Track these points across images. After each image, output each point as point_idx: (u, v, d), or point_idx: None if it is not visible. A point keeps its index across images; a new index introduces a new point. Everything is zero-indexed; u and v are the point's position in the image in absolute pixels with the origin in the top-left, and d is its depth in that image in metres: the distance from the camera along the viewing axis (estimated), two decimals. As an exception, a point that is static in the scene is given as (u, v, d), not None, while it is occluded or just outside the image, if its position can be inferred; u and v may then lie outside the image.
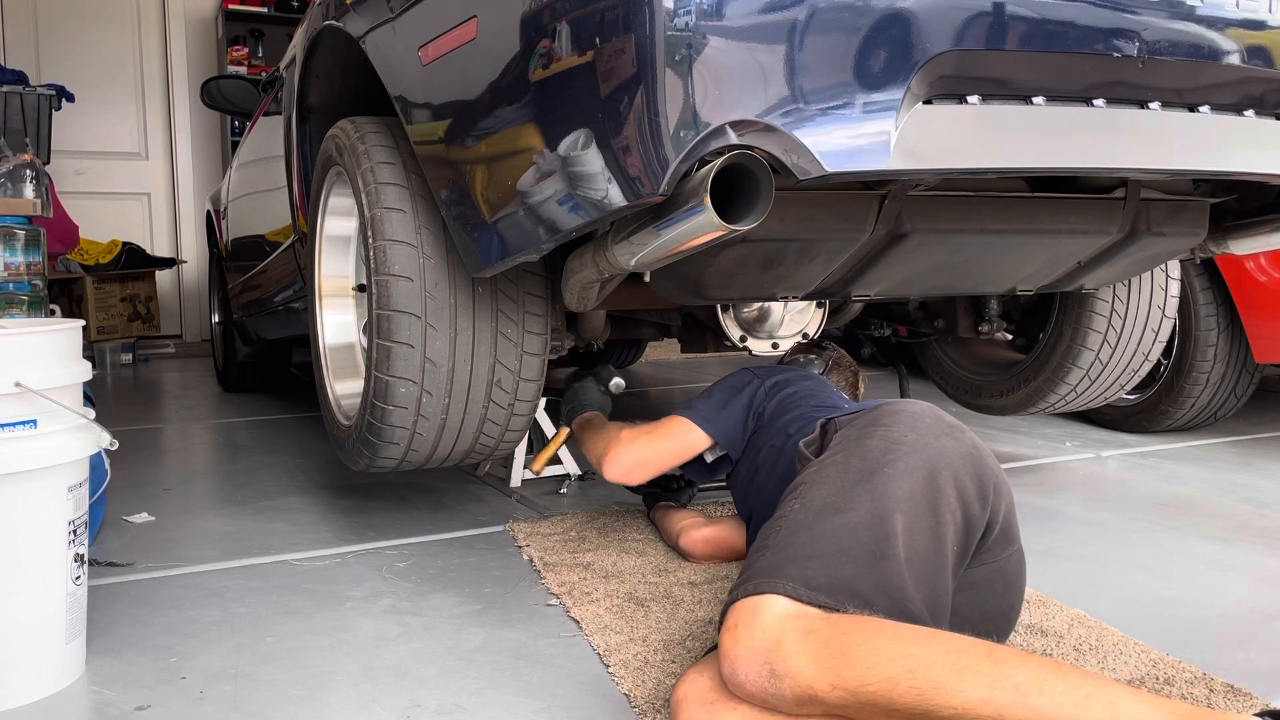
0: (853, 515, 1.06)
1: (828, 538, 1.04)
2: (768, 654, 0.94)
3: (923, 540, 1.06)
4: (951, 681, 0.85)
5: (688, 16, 1.09)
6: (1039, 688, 0.82)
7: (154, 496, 2.25)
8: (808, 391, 1.62)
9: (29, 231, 2.94)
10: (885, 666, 0.88)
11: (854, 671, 0.89)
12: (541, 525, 1.93)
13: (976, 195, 1.59)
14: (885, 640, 0.90)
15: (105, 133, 5.86)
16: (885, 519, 1.05)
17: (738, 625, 0.98)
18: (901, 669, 0.87)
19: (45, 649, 1.23)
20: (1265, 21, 1.44)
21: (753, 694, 0.95)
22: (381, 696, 1.22)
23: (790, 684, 0.92)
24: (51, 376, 1.20)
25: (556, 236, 1.28)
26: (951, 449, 1.14)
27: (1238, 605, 1.54)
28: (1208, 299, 2.75)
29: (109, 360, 5.06)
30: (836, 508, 1.08)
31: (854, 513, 1.06)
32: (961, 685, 0.85)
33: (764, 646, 0.95)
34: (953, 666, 0.86)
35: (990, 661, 0.86)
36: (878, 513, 1.06)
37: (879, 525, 1.05)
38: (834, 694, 0.90)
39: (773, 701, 0.94)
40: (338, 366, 1.98)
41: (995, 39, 1.24)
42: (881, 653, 0.89)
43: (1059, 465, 2.55)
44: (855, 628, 0.92)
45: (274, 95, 2.73)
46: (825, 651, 0.91)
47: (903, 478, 1.09)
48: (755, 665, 0.94)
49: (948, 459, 1.13)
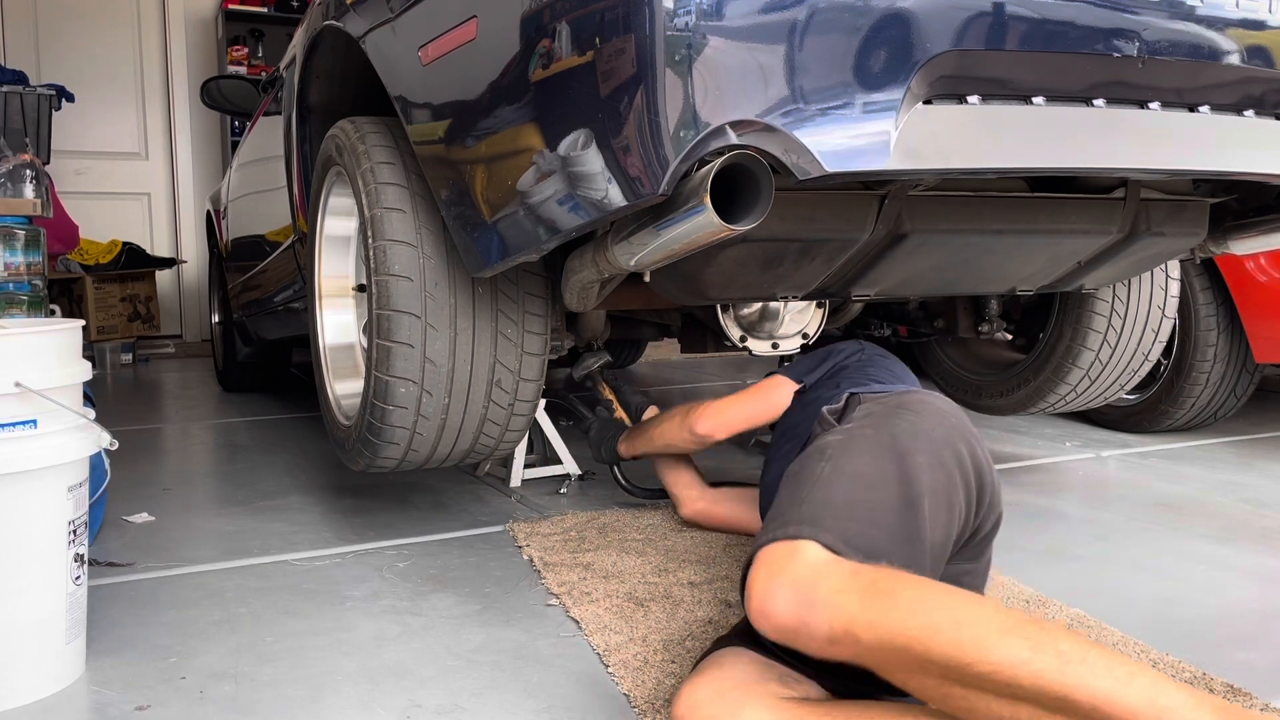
0: (887, 494, 1.08)
1: (863, 508, 1.06)
2: (810, 586, 0.93)
3: (939, 532, 1.09)
4: (994, 638, 0.84)
5: (688, 16, 1.09)
6: (1081, 658, 0.81)
7: (154, 496, 2.25)
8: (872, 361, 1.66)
9: (29, 231, 2.93)
10: (931, 614, 0.87)
11: (898, 613, 0.88)
12: (541, 525, 1.93)
13: (976, 195, 1.59)
14: (932, 591, 0.90)
15: (105, 133, 5.86)
16: (917, 506, 1.07)
17: (774, 561, 0.97)
18: (947, 618, 0.86)
19: (45, 649, 1.23)
20: (1265, 21, 1.44)
21: (783, 624, 0.93)
22: (381, 697, 1.22)
23: (828, 615, 0.90)
24: (51, 376, 1.20)
25: (556, 236, 1.28)
26: (968, 454, 1.19)
27: (1238, 605, 1.54)
28: (1208, 299, 2.75)
29: (109, 360, 5.06)
30: (870, 482, 1.09)
31: (888, 492, 1.08)
32: (1004, 643, 0.83)
33: (806, 578, 0.94)
34: (999, 625, 0.85)
35: (1035, 628, 0.85)
36: (910, 499, 1.08)
37: (911, 510, 1.07)
38: (870, 634, 0.88)
39: (803, 634, 0.92)
40: (338, 366, 1.98)
41: (995, 39, 1.24)
42: (928, 601, 0.88)
43: (1059, 465, 2.55)
44: (902, 576, 0.92)
45: (274, 95, 2.73)
46: (871, 591, 0.90)
47: (931, 470, 1.12)
48: (793, 595, 0.93)
49: (965, 463, 1.17)
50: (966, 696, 0.85)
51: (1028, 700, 0.82)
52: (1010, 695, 0.83)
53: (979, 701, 0.85)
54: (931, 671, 0.86)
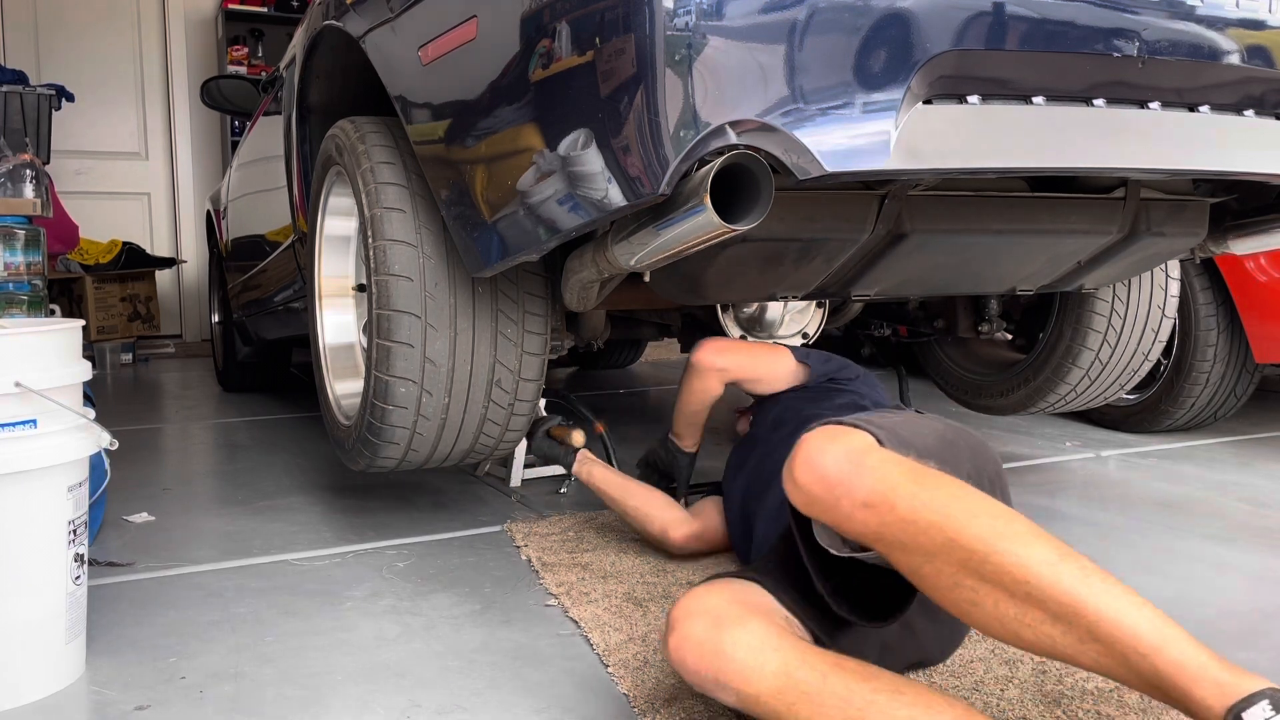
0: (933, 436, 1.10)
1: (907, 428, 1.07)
2: (861, 452, 0.94)
3: None
4: (1026, 537, 0.86)
5: (688, 16, 1.09)
6: (1101, 578, 0.82)
7: (154, 496, 2.25)
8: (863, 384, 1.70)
9: (29, 231, 2.93)
10: (970, 503, 0.89)
11: (939, 494, 0.89)
12: (540, 525, 1.93)
13: (976, 195, 1.59)
14: (973, 490, 0.91)
15: (105, 133, 5.85)
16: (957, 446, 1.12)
17: (831, 431, 0.98)
18: (985, 509, 0.88)
19: (45, 649, 1.23)
20: (1265, 21, 1.44)
21: (827, 476, 0.94)
22: (381, 696, 1.22)
23: (872, 479, 0.91)
24: (51, 376, 1.20)
25: (556, 236, 1.28)
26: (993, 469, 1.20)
27: (1238, 605, 1.54)
28: (1208, 299, 2.75)
29: (109, 360, 5.06)
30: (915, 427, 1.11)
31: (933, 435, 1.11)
32: (1034, 543, 0.85)
33: (859, 446, 0.95)
34: (1031, 529, 0.87)
35: (1064, 545, 0.86)
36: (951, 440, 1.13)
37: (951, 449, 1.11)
38: (907, 504, 0.89)
39: (839, 491, 0.93)
40: (338, 366, 1.98)
41: (995, 39, 1.24)
42: (970, 494, 0.90)
43: (1059, 465, 2.55)
44: (947, 475, 0.93)
45: (274, 95, 2.73)
46: (917, 472, 0.92)
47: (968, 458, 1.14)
48: (844, 456, 0.94)
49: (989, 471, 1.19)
50: (976, 590, 0.86)
51: (1036, 604, 0.83)
52: (1022, 595, 0.83)
53: (988, 597, 0.86)
54: (952, 557, 0.87)
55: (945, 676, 1.24)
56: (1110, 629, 0.80)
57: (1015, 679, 1.23)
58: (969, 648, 1.32)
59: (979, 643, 1.33)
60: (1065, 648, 0.83)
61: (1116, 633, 0.80)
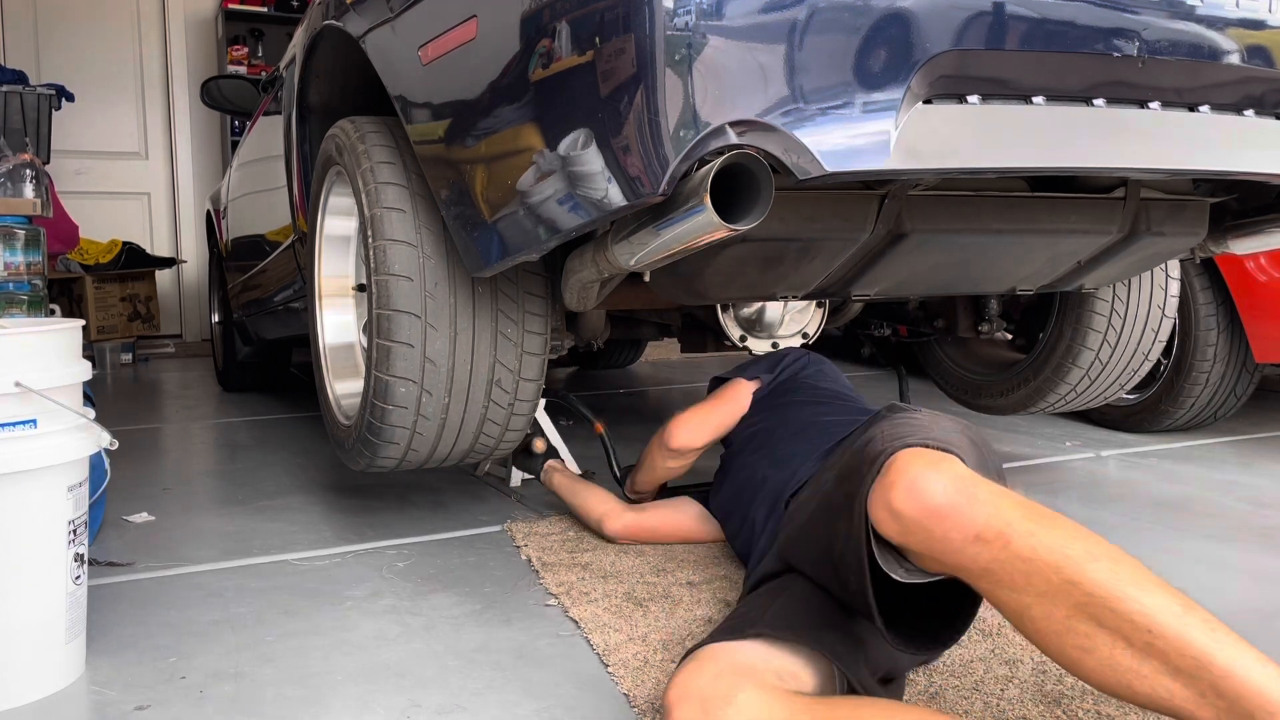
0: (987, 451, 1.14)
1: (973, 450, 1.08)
2: (972, 483, 0.92)
3: None
4: (1150, 585, 0.83)
5: (688, 16, 1.09)
6: (1225, 632, 0.81)
7: (154, 496, 2.25)
8: (823, 374, 1.77)
9: (29, 231, 2.93)
10: (1091, 545, 0.86)
11: (1057, 534, 0.87)
12: (540, 525, 1.93)
13: (976, 195, 1.59)
14: (1089, 534, 0.89)
15: (105, 133, 5.85)
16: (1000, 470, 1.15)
17: (932, 455, 0.96)
18: (1105, 553, 0.85)
19: (45, 649, 1.23)
20: (1265, 21, 1.44)
21: (934, 504, 0.91)
22: (381, 696, 1.22)
23: (987, 513, 0.89)
24: (51, 376, 1.20)
25: (556, 236, 1.28)
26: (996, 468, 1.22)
27: (1238, 605, 1.54)
28: (1208, 299, 2.75)
29: (109, 360, 5.06)
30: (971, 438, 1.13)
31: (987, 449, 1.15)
32: (1159, 593, 0.83)
33: (967, 475, 0.93)
34: (1153, 578, 0.84)
35: (1184, 595, 0.84)
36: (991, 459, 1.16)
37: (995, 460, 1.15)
38: (1024, 543, 0.86)
39: (950, 521, 0.90)
40: (338, 366, 1.98)
41: (995, 39, 1.24)
42: (1087, 537, 0.87)
43: (1059, 465, 2.55)
44: (1059, 515, 0.91)
45: (274, 95, 2.73)
46: (1028, 509, 0.90)
47: None
48: (954, 485, 0.92)
49: None
50: (1091, 636, 0.83)
51: (1157, 655, 0.80)
52: (1142, 645, 0.81)
53: (1102, 644, 0.83)
54: (1069, 600, 0.84)
55: (945, 676, 1.24)
56: (1237, 686, 0.78)
57: (1015, 679, 1.23)
58: (969, 648, 1.32)
59: (979, 642, 1.33)
60: (1183, 701, 0.80)
61: (1242, 690, 0.78)
